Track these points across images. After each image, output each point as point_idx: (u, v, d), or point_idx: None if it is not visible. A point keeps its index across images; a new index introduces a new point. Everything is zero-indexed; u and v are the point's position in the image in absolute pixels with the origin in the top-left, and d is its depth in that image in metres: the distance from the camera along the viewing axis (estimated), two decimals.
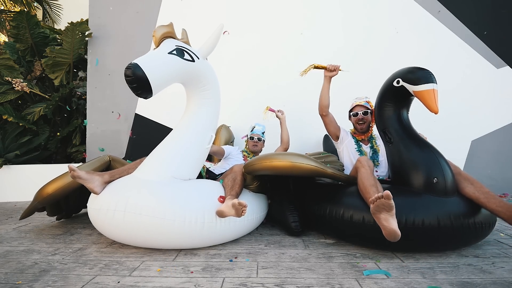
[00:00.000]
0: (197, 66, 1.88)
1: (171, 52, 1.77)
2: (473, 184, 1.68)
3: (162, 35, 1.83)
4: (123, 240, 1.74)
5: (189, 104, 2.02)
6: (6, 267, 1.54)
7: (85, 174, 1.71)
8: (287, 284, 1.33)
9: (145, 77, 1.58)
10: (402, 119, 1.91)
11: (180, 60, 1.79)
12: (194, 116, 1.96)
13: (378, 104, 2.00)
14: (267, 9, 3.74)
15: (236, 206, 1.58)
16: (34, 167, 3.55)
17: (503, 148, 3.55)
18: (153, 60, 1.67)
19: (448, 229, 1.57)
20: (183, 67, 1.81)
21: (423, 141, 1.82)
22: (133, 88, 1.60)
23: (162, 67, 1.70)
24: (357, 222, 1.67)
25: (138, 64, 1.58)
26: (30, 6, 5.99)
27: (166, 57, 1.74)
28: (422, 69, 1.78)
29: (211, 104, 2.01)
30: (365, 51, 3.64)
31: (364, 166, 1.78)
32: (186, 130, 1.93)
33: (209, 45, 2.02)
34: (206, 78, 1.97)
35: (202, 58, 1.96)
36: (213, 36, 2.03)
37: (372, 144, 2.24)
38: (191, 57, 1.85)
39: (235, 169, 2.01)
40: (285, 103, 3.62)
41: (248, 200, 1.94)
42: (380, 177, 2.15)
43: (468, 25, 3.58)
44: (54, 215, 2.37)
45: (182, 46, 1.85)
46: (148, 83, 1.60)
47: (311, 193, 2.10)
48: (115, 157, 2.26)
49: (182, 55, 1.81)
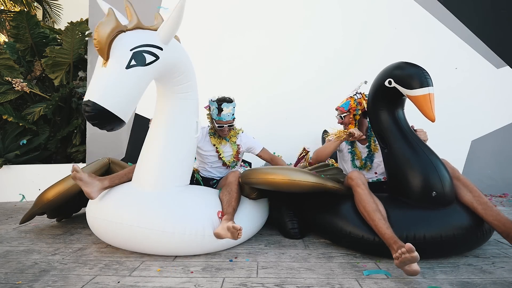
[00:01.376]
0: (164, 60, 1.55)
1: (129, 65, 1.42)
2: (471, 193, 1.65)
3: (108, 37, 1.39)
4: (120, 246, 1.73)
5: (164, 100, 1.76)
6: (6, 267, 1.54)
7: (87, 177, 1.69)
8: (287, 284, 1.33)
9: (109, 113, 1.37)
10: (397, 120, 1.78)
11: (144, 70, 1.47)
12: (174, 114, 1.75)
13: (371, 106, 1.89)
14: (268, 7, 3.74)
15: (231, 230, 1.54)
16: (34, 167, 3.55)
17: (503, 148, 3.54)
18: (111, 89, 1.39)
19: (450, 240, 1.54)
20: (150, 74, 1.52)
21: (420, 145, 1.71)
22: (103, 128, 1.43)
23: (125, 91, 1.42)
24: (356, 237, 1.64)
25: (95, 103, 1.35)
26: (30, 6, 5.99)
27: (124, 76, 1.42)
28: (414, 66, 1.66)
29: (188, 96, 1.79)
30: (365, 51, 3.64)
31: (359, 186, 1.67)
32: (171, 132, 1.75)
33: (170, 25, 1.54)
34: (178, 68, 1.68)
35: (166, 43, 1.56)
36: (174, 12, 1.53)
37: (369, 144, 2.10)
38: (154, 55, 1.50)
39: (230, 179, 1.92)
40: (283, 100, 3.63)
41: (248, 209, 1.91)
42: (378, 178, 2.09)
43: (468, 25, 3.58)
44: (54, 217, 2.37)
45: (138, 46, 1.46)
46: (116, 117, 1.39)
47: (311, 201, 2.01)
48: (115, 160, 2.25)
49: (143, 60, 1.46)
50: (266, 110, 3.64)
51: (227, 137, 2.21)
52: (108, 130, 1.46)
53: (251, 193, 2.00)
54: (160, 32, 1.55)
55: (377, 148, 2.06)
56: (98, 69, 1.45)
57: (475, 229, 1.59)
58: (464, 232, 1.56)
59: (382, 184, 2.04)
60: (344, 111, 2.06)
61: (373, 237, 1.57)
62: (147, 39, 1.51)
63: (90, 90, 1.40)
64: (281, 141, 3.49)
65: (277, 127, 3.61)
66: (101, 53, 1.41)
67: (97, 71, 1.46)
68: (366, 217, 1.60)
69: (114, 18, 1.43)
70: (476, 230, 1.59)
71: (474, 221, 1.60)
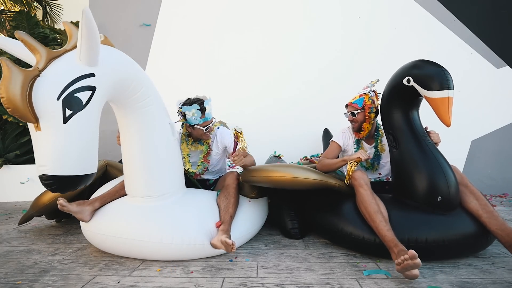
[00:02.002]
0: (103, 85, 1.29)
1: (66, 119, 1.16)
2: (478, 200, 1.62)
3: (22, 98, 1.09)
4: (119, 254, 1.70)
5: (124, 116, 1.57)
6: (6, 267, 1.54)
7: (75, 207, 1.64)
8: (287, 284, 1.33)
9: (72, 177, 1.22)
10: (411, 121, 1.72)
11: (85, 113, 1.22)
12: (141, 126, 1.58)
13: (385, 104, 1.81)
14: (268, 8, 3.74)
15: (225, 245, 1.50)
16: (34, 167, 3.52)
17: (503, 148, 3.54)
18: (59, 153, 1.18)
19: (453, 245, 1.53)
20: (95, 111, 1.27)
21: (430, 149, 1.67)
22: (76, 188, 1.29)
23: (75, 146, 1.21)
24: (356, 238, 1.64)
25: (50, 175, 1.18)
26: (30, 6, 5.99)
27: (66, 132, 1.18)
28: (436, 66, 1.58)
29: (148, 103, 1.57)
30: (365, 51, 3.64)
31: (361, 186, 1.66)
32: (145, 143, 1.60)
33: (86, 43, 1.21)
34: (124, 81, 1.44)
35: (95, 64, 1.26)
36: (83, 26, 1.18)
37: (376, 144, 2.04)
38: (88, 88, 1.22)
39: (228, 181, 1.85)
40: (284, 101, 3.63)
41: (246, 211, 1.88)
42: (381, 179, 2.08)
43: (468, 25, 3.58)
44: (53, 219, 2.38)
45: (63, 89, 1.16)
46: (81, 176, 1.25)
47: (312, 200, 2.00)
48: (112, 162, 2.23)
49: (79, 103, 1.19)
50: (267, 111, 3.64)
51: (202, 141, 1.98)
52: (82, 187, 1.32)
53: (250, 192, 1.97)
54: (81, 56, 1.22)
55: (384, 148, 2.03)
56: (34, 135, 1.20)
57: (478, 235, 1.57)
58: (466, 238, 1.55)
59: (384, 184, 2.04)
60: (358, 108, 1.98)
61: (374, 238, 1.57)
62: (70, 74, 1.20)
63: (38, 162, 1.20)
64: (282, 142, 3.51)
65: (278, 128, 3.62)
66: (25, 118, 1.13)
67: (33, 137, 1.21)
68: (367, 218, 1.59)
69: (15, 67, 1.10)
70: (479, 236, 1.58)
71: (477, 227, 1.58)
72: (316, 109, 3.59)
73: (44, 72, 1.17)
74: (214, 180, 2.15)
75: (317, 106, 3.59)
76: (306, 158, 3.20)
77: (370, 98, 1.98)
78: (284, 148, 3.40)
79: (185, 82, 3.62)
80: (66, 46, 1.30)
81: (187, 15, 3.76)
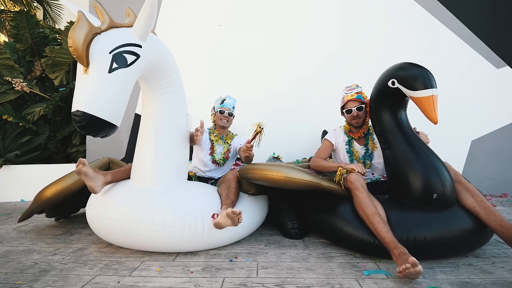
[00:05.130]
0: (145, 57, 1.53)
1: (111, 69, 1.40)
2: (473, 197, 1.63)
3: (84, 42, 1.35)
4: (121, 244, 1.75)
5: (149, 98, 1.76)
6: (6, 267, 1.54)
7: (92, 172, 1.71)
8: (287, 284, 1.33)
9: (100, 120, 1.37)
10: (399, 121, 1.77)
11: (127, 71, 1.45)
12: (162, 110, 1.75)
13: (373, 106, 1.88)
14: (267, 6, 3.74)
15: (230, 215, 1.55)
16: (34, 167, 3.55)
17: (503, 148, 3.54)
18: (97, 96, 1.38)
19: (451, 242, 1.54)
20: (133, 74, 1.50)
21: (422, 147, 1.70)
22: (97, 135, 1.44)
23: (111, 96, 1.41)
24: (356, 239, 1.64)
25: (84, 112, 1.35)
26: (30, 6, 5.99)
27: (108, 80, 1.40)
28: (418, 67, 1.64)
29: (174, 90, 1.78)
30: (365, 51, 3.64)
31: (357, 189, 1.66)
32: (162, 128, 1.75)
33: (145, 20, 1.49)
34: (160, 64, 1.67)
35: (144, 40, 1.53)
36: (147, 6, 1.47)
37: (367, 142, 2.06)
38: (134, 54, 1.47)
39: (228, 177, 1.97)
40: (283, 99, 3.63)
41: (247, 204, 1.92)
42: (377, 178, 2.08)
43: (468, 25, 3.58)
44: (53, 216, 2.37)
45: (116, 47, 1.43)
46: (107, 123, 1.40)
47: (311, 201, 2.01)
48: (115, 160, 2.26)
49: (124, 62, 1.44)
50: (265, 109, 3.63)
51: (224, 138, 2.27)
52: (102, 137, 1.47)
53: (249, 189, 2.02)
54: (136, 29, 1.51)
55: (375, 146, 2.04)
56: (80, 77, 1.41)
57: (476, 231, 1.58)
58: (464, 234, 1.56)
59: (381, 184, 2.03)
60: (363, 102, 2.00)
61: (373, 239, 1.57)
62: (124, 39, 1.47)
63: (76, 99, 1.37)
64: (281, 140, 3.50)
65: (277, 126, 3.60)
66: (80, 60, 1.36)
67: (79, 79, 1.42)
68: (366, 220, 1.60)
69: (86, 21, 1.37)
70: (477, 232, 1.58)
71: (475, 223, 1.59)
72: (315, 107, 3.59)
73: (104, 33, 1.44)
74: (214, 180, 2.26)
75: (316, 105, 3.59)
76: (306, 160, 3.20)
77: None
78: (283, 150, 3.40)
79: (185, 82, 3.61)
80: (124, 23, 1.58)
81: (187, 15, 3.76)
